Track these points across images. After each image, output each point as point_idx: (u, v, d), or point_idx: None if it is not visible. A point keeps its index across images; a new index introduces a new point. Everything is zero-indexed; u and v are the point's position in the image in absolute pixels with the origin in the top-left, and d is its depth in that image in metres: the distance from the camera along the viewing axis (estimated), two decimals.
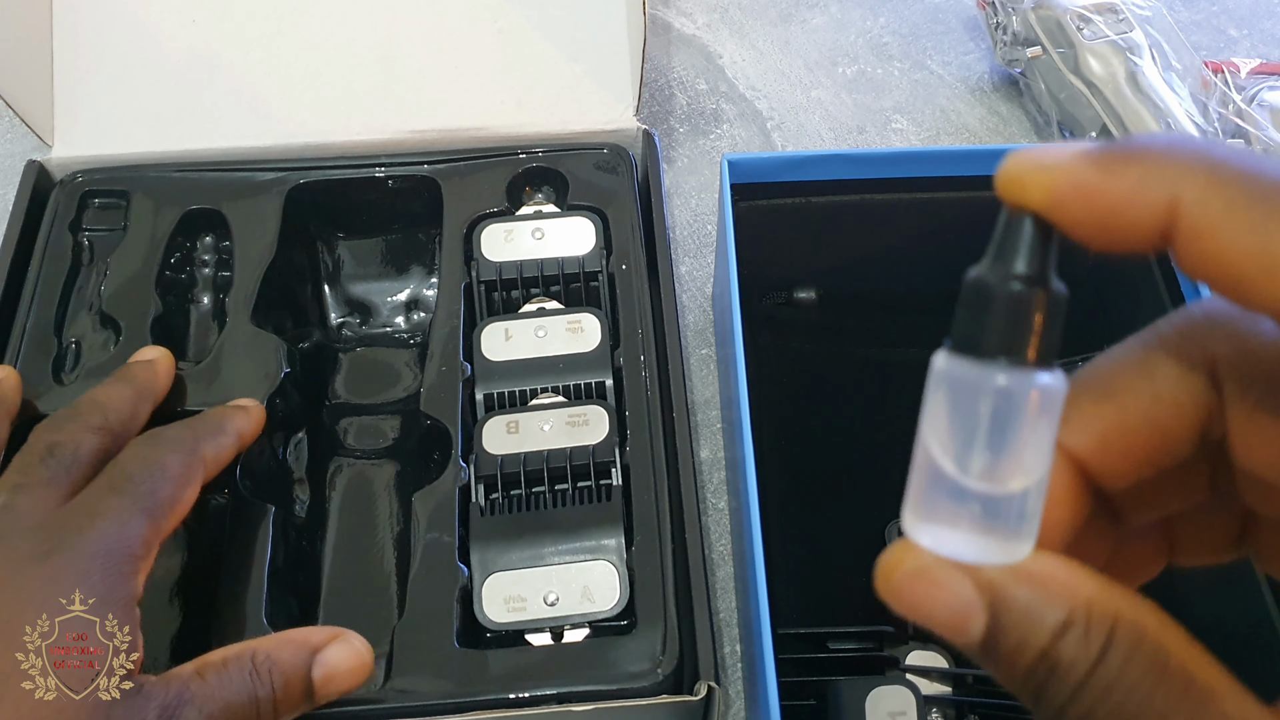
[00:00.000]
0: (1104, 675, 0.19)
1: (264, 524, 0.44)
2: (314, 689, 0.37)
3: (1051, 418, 0.20)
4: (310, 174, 0.53)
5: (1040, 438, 0.20)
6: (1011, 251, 0.20)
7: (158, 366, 0.45)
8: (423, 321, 0.56)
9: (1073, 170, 0.20)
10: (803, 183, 0.50)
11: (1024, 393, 0.20)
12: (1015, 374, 0.20)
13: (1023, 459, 0.20)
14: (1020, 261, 0.20)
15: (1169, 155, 0.19)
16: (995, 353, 0.20)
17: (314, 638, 0.38)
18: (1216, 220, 0.18)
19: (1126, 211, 0.19)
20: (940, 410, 0.21)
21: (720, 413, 0.55)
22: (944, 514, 0.21)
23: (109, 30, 0.56)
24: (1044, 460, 0.20)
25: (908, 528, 0.21)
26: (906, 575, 0.21)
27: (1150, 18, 0.66)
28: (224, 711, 0.35)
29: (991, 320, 0.20)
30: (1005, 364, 0.20)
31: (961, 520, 0.20)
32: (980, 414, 0.20)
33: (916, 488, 0.21)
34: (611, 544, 0.43)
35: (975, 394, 0.20)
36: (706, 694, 0.39)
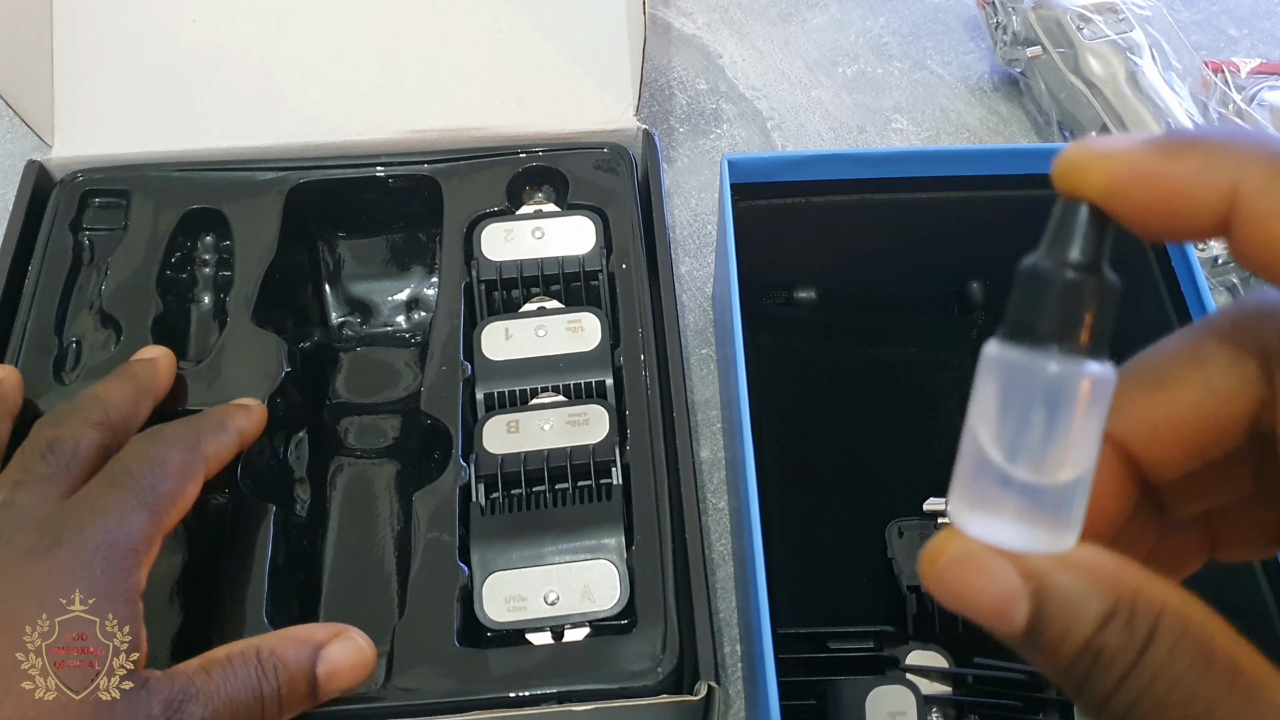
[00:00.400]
0: (1149, 665, 0.19)
1: (265, 523, 0.44)
2: (318, 685, 0.37)
3: (1101, 408, 0.20)
4: (310, 174, 0.54)
5: (1089, 428, 0.20)
6: (1067, 239, 0.20)
7: (159, 365, 0.45)
8: (423, 321, 0.56)
9: (1134, 157, 0.20)
10: (803, 183, 0.50)
11: (1075, 380, 0.20)
12: (1067, 361, 0.20)
13: (1071, 449, 0.20)
14: (1075, 249, 0.20)
15: (1231, 144, 0.19)
16: (1048, 339, 0.20)
17: (318, 634, 0.38)
18: (1277, 206, 0.18)
19: (1187, 197, 0.19)
20: (989, 398, 0.21)
21: (720, 413, 0.55)
22: (990, 502, 0.21)
23: (109, 30, 0.56)
24: (1092, 451, 0.20)
25: (954, 515, 0.21)
26: (951, 561, 0.21)
27: (1150, 17, 0.66)
28: (228, 707, 0.35)
29: (1045, 307, 0.20)
30: (1057, 351, 0.20)
31: (1007, 508, 0.20)
32: (1030, 401, 0.20)
33: (963, 475, 0.21)
34: (612, 543, 0.43)
35: (1026, 381, 0.20)
36: (706, 694, 0.39)
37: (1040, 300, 0.20)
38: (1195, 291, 0.47)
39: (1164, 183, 0.19)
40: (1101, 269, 0.20)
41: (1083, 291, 0.20)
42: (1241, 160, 0.19)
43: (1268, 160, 0.19)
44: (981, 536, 0.21)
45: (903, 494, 0.49)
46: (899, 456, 0.52)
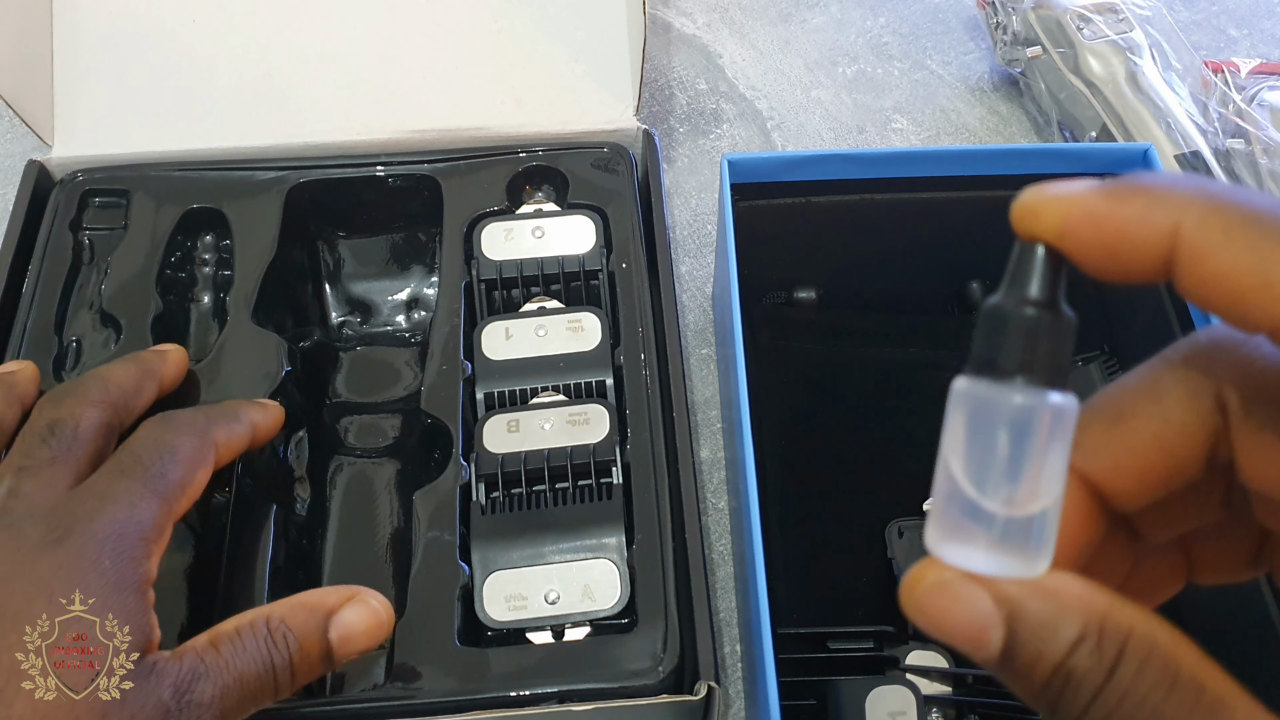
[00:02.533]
0: (1117, 686, 0.20)
1: (265, 522, 0.44)
2: (332, 651, 0.37)
3: (1065, 436, 0.21)
4: (310, 173, 0.54)
5: (1055, 456, 0.21)
6: (1025, 279, 0.22)
7: (169, 355, 0.45)
8: (423, 320, 0.56)
9: (1083, 200, 0.21)
10: (803, 182, 0.50)
11: (1039, 409, 0.21)
12: (1030, 392, 0.21)
13: (1039, 478, 0.21)
14: (1033, 288, 0.21)
15: (1173, 188, 0.21)
16: (1011, 372, 0.21)
17: (329, 599, 0.37)
18: (1215, 241, 0.20)
19: (1131, 237, 0.20)
20: (959, 431, 0.22)
21: (720, 412, 0.55)
22: (964, 531, 0.22)
23: (109, 30, 0.56)
24: (1058, 478, 0.21)
25: (931, 545, 0.22)
26: (928, 589, 0.22)
27: (1150, 17, 0.66)
28: (239, 682, 0.35)
29: (1007, 342, 0.21)
30: (1021, 383, 0.21)
31: (980, 537, 0.21)
32: (998, 433, 0.21)
33: (937, 506, 0.22)
34: (612, 542, 0.43)
35: (992, 413, 0.21)
36: (707, 694, 0.39)
37: (1002, 336, 0.21)
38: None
39: (1110, 224, 0.21)
40: (1058, 305, 0.21)
41: (1041, 327, 0.21)
42: (1180, 201, 0.20)
43: (1205, 201, 0.20)
44: (957, 564, 0.22)
45: (903, 494, 0.49)
46: (899, 456, 0.53)
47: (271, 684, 0.35)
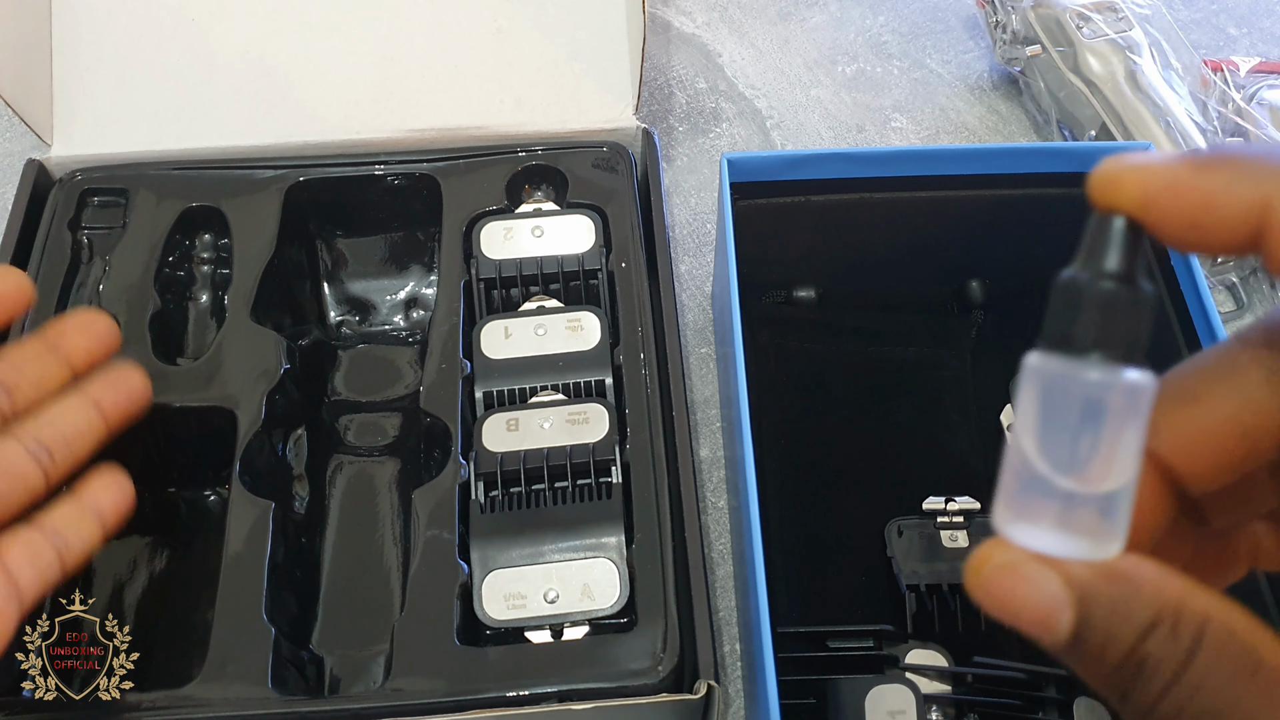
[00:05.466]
0: (1194, 675, 0.19)
1: (264, 520, 0.44)
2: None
3: (1141, 416, 0.20)
4: (310, 172, 0.54)
5: (1130, 435, 0.20)
6: (1102, 251, 0.21)
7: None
8: (422, 319, 0.56)
9: (1168, 170, 0.20)
10: (802, 181, 0.50)
11: (1115, 388, 0.20)
12: (1106, 369, 0.20)
13: (1114, 457, 0.20)
14: (1111, 260, 0.21)
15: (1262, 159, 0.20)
16: (1087, 348, 0.20)
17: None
18: None
19: (1217, 210, 0.20)
20: (1031, 408, 0.21)
21: (720, 411, 0.55)
22: (1034, 511, 0.21)
23: (108, 30, 0.56)
24: (1134, 458, 0.21)
25: (999, 524, 0.21)
26: (995, 570, 0.21)
27: (1150, 16, 0.66)
28: None
29: (1084, 317, 0.21)
30: (1097, 359, 0.20)
31: (1051, 517, 0.21)
32: (1071, 410, 0.20)
33: (1008, 485, 0.21)
34: (611, 542, 0.43)
35: (1066, 390, 0.21)
36: (706, 692, 0.39)
37: (1078, 311, 0.21)
38: (1195, 290, 0.47)
39: (1196, 195, 0.20)
40: (1136, 279, 0.21)
41: (1119, 301, 0.20)
42: (1272, 174, 0.19)
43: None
44: (1026, 545, 0.21)
45: (902, 493, 0.49)
46: (899, 455, 0.53)
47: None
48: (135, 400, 0.40)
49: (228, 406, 0.47)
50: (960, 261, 0.54)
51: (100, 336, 0.41)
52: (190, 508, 0.49)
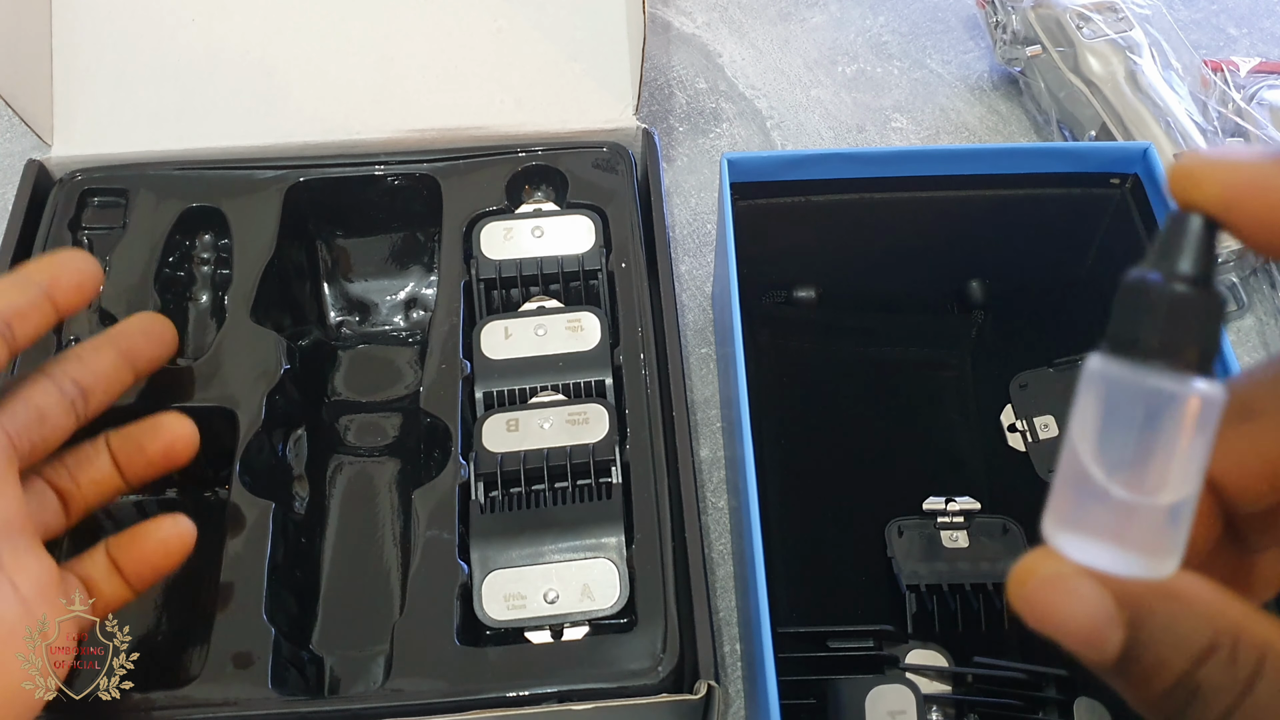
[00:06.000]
0: (1254, 705, 0.18)
1: (264, 521, 0.44)
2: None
3: (1208, 429, 0.19)
4: (310, 172, 0.54)
5: (1196, 449, 0.19)
6: (1177, 251, 0.20)
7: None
8: (422, 320, 0.56)
9: (1253, 167, 0.19)
10: (802, 182, 0.50)
11: (1184, 398, 0.19)
12: (1175, 377, 0.19)
13: (1175, 470, 0.19)
14: (1186, 261, 0.19)
15: None
16: (1156, 355, 0.19)
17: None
18: None
19: None
20: (1091, 413, 0.20)
21: (720, 412, 0.55)
22: (1087, 522, 0.20)
23: (109, 30, 0.56)
24: (1197, 473, 0.19)
25: (1048, 533, 0.20)
26: (1042, 582, 0.20)
27: (1150, 16, 0.66)
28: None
29: (1153, 321, 0.19)
30: (1165, 366, 0.19)
31: (1105, 529, 0.19)
32: (1135, 419, 0.19)
33: (1059, 493, 0.20)
34: (611, 542, 0.43)
35: (1131, 397, 0.19)
36: (706, 693, 0.39)
37: (1148, 314, 0.19)
38: None
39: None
40: (1211, 282, 0.20)
41: (1193, 306, 0.19)
42: None
43: None
44: (1076, 558, 0.20)
45: (903, 493, 0.49)
46: (899, 456, 0.53)
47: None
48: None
49: (228, 407, 0.47)
50: (960, 261, 0.54)
51: (162, 340, 0.43)
52: (190, 508, 0.49)
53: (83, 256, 0.40)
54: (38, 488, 0.39)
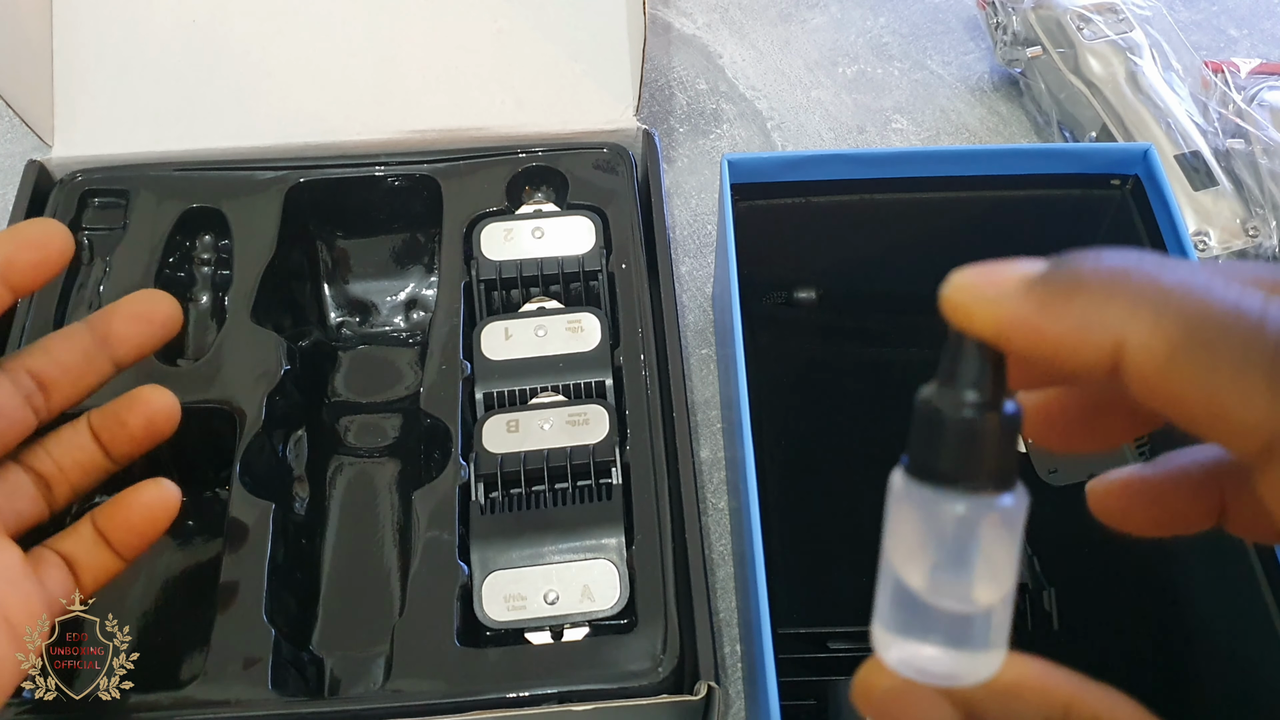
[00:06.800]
0: None
1: (264, 521, 0.44)
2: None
3: (1014, 534, 0.20)
4: (310, 173, 0.54)
5: (1003, 554, 0.20)
6: (961, 375, 0.20)
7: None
8: (422, 320, 0.56)
9: (1015, 305, 0.19)
10: (803, 183, 0.50)
11: (983, 518, 0.20)
12: (973, 501, 0.20)
13: (987, 576, 0.20)
14: (969, 389, 0.20)
15: (1114, 288, 0.18)
16: (952, 480, 0.20)
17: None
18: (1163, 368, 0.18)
19: (1070, 351, 0.19)
20: (903, 529, 0.21)
21: (720, 413, 0.55)
22: (912, 631, 0.20)
23: (109, 30, 0.56)
24: (1008, 576, 0.20)
25: (877, 645, 0.21)
26: (886, 696, 0.21)
27: (1150, 17, 0.66)
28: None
29: (945, 448, 0.20)
30: (962, 491, 0.20)
31: (930, 637, 0.20)
32: (944, 535, 0.20)
33: (883, 605, 0.21)
34: (612, 543, 0.43)
35: (935, 517, 0.20)
36: (707, 694, 0.39)
37: (939, 441, 0.20)
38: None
39: (1047, 336, 0.19)
40: (1000, 403, 0.20)
41: (981, 431, 0.19)
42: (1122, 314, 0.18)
43: (1151, 310, 0.18)
44: (905, 668, 0.20)
45: None
46: (899, 456, 0.52)
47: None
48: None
49: (228, 407, 0.47)
50: (961, 262, 0.53)
51: (154, 321, 0.39)
52: (190, 508, 0.49)
53: (43, 226, 0.37)
54: (8, 476, 0.38)
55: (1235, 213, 0.58)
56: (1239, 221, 0.57)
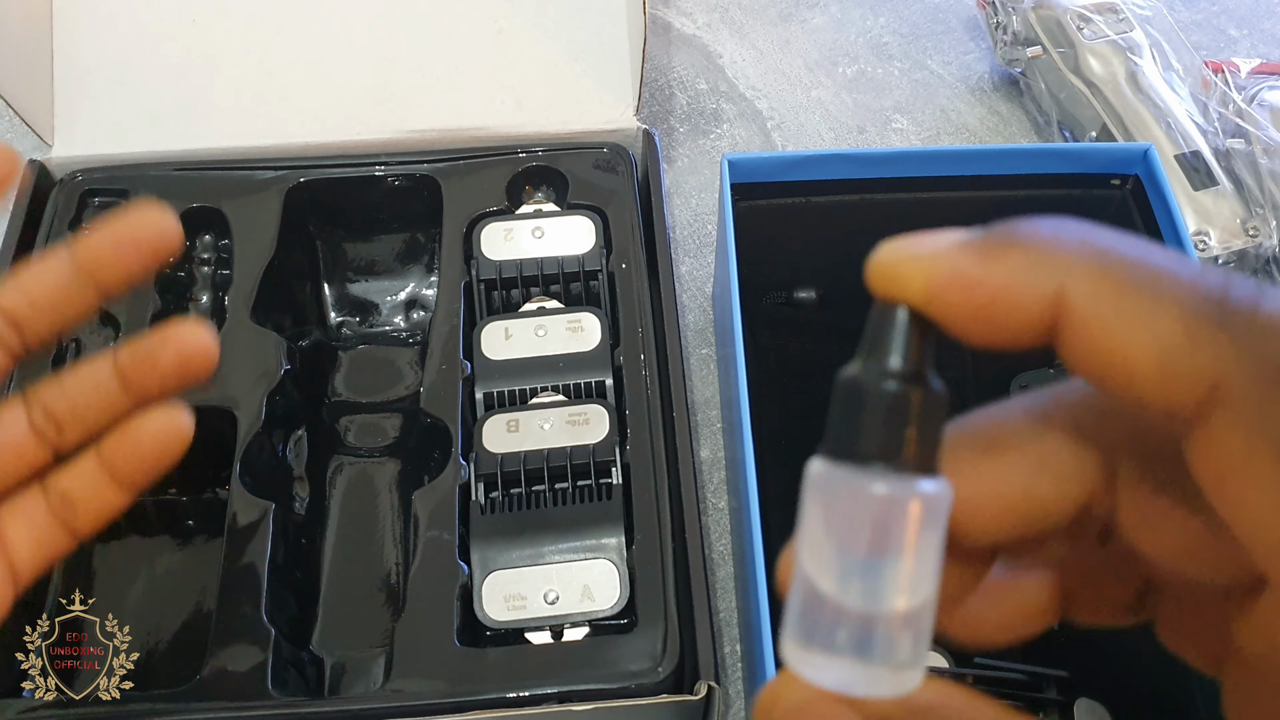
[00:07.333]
0: None
1: (264, 521, 0.44)
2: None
3: (937, 528, 0.18)
4: (310, 173, 0.54)
5: (925, 551, 0.18)
6: (885, 348, 0.19)
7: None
8: (422, 320, 0.56)
9: (950, 260, 0.18)
10: (803, 183, 0.50)
11: (905, 500, 0.18)
12: (895, 480, 0.18)
13: (907, 575, 0.18)
14: (895, 358, 0.19)
15: (1054, 242, 0.18)
16: (872, 457, 0.18)
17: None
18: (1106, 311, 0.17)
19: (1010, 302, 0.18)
20: (817, 523, 0.19)
21: (720, 413, 0.55)
22: (824, 640, 0.18)
23: (109, 30, 0.56)
24: (930, 576, 0.18)
25: (787, 656, 0.19)
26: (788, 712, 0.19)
27: (1150, 17, 0.66)
28: None
29: (866, 422, 0.18)
30: (883, 469, 0.18)
31: (843, 647, 0.18)
32: (860, 526, 0.18)
33: (794, 611, 0.19)
34: (612, 543, 0.43)
35: (852, 503, 0.18)
36: (707, 693, 0.39)
37: (861, 415, 0.18)
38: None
39: (984, 287, 0.18)
40: (926, 377, 0.19)
41: (906, 403, 0.18)
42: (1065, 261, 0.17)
43: (1094, 262, 0.17)
44: (816, 680, 0.18)
45: None
46: None
47: None
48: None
49: (228, 407, 0.47)
50: None
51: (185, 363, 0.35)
52: (190, 509, 0.49)
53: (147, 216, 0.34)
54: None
55: (1235, 213, 0.58)
56: (1239, 221, 0.57)
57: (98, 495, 0.34)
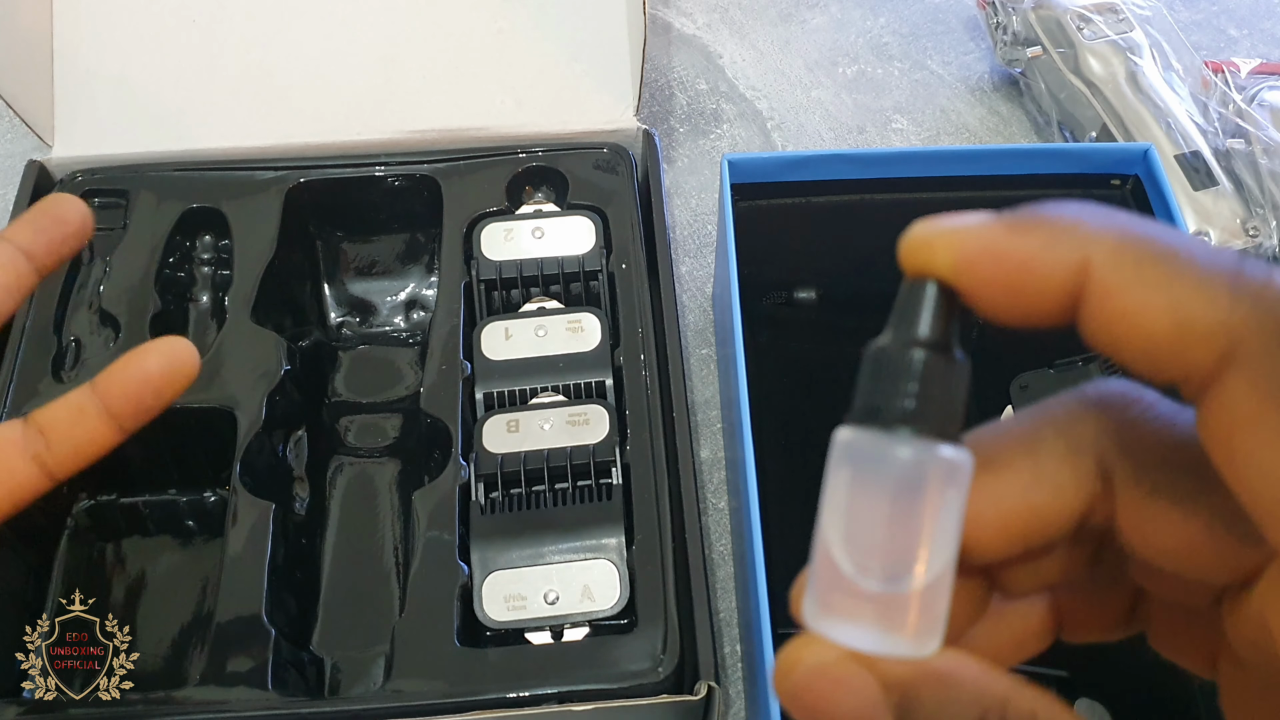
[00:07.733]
0: None
1: (264, 521, 0.44)
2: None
3: (958, 496, 0.19)
4: (310, 173, 0.54)
5: (946, 518, 0.19)
6: (913, 318, 0.20)
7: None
8: (422, 320, 0.56)
9: (979, 234, 0.19)
10: (803, 183, 0.50)
11: (928, 465, 0.19)
12: (918, 445, 0.19)
13: (928, 541, 0.19)
14: (922, 327, 0.19)
15: (1079, 219, 0.19)
16: (897, 422, 0.19)
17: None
18: (1128, 278, 0.18)
19: (1036, 272, 0.19)
20: (840, 489, 0.20)
21: (720, 413, 0.55)
22: (845, 604, 0.19)
23: (109, 31, 0.56)
24: (951, 544, 0.19)
25: (807, 618, 0.19)
26: (806, 674, 0.19)
27: (1150, 17, 0.66)
28: None
29: (892, 388, 0.19)
30: (908, 434, 0.19)
31: (864, 612, 0.19)
32: (884, 492, 0.19)
33: (816, 574, 0.20)
34: (612, 543, 0.43)
35: (877, 468, 0.19)
36: (707, 694, 0.39)
37: (887, 381, 0.19)
38: None
39: (1012, 258, 0.19)
40: (951, 348, 0.19)
41: (931, 371, 0.19)
42: (1090, 235, 0.18)
43: (1116, 235, 0.18)
44: (839, 639, 0.19)
45: None
46: None
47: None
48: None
49: (228, 408, 0.47)
50: None
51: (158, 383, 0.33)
52: (190, 509, 0.49)
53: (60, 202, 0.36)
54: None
55: (1235, 213, 0.58)
56: (1239, 221, 0.57)
57: (87, 428, 0.33)
